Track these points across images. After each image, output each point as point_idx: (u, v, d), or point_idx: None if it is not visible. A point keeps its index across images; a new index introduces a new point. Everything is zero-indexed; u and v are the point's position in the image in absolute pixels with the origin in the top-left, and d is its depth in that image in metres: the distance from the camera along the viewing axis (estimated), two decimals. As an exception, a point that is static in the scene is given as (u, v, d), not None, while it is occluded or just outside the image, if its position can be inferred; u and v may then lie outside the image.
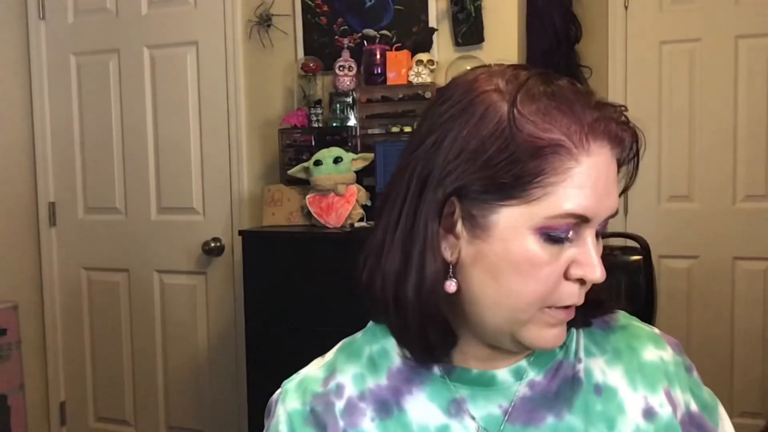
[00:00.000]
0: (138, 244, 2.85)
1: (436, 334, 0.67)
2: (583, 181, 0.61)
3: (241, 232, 2.41)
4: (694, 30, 2.73)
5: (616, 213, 0.65)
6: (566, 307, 0.65)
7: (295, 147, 2.47)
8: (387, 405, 0.70)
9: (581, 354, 0.73)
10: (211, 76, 2.70)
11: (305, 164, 2.34)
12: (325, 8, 2.55)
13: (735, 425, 0.79)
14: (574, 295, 0.64)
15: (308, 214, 2.37)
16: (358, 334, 0.78)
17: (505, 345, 0.68)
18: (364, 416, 0.70)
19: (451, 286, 0.64)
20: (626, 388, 0.71)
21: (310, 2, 2.57)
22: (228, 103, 2.68)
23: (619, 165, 0.66)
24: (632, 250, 1.92)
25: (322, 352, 0.80)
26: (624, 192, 0.69)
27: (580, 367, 0.72)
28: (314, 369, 0.76)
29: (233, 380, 2.73)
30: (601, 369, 0.72)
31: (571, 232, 0.62)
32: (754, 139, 2.68)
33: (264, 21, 2.61)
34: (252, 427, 2.38)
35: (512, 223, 0.61)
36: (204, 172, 2.74)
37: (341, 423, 0.70)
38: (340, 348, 0.77)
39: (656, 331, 0.77)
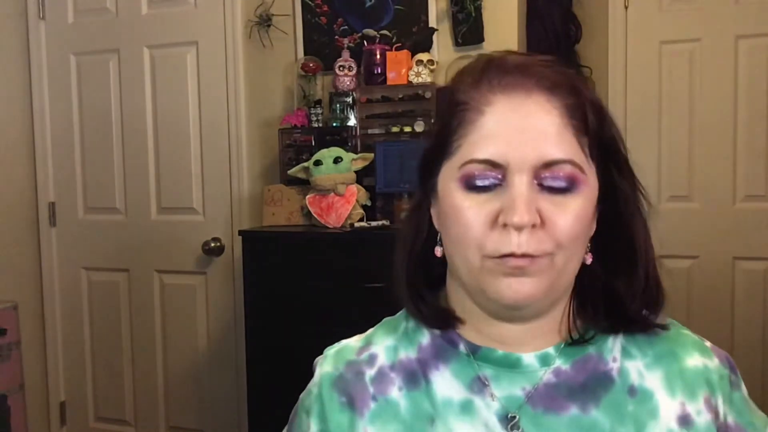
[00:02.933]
0: (138, 244, 2.85)
1: (431, 298, 0.75)
2: (488, 130, 0.66)
3: (241, 232, 2.41)
4: (694, 30, 2.73)
5: (564, 163, 0.65)
6: (514, 257, 0.64)
7: (295, 147, 2.48)
8: (415, 376, 0.74)
9: (617, 354, 0.73)
10: (211, 76, 2.70)
11: (305, 164, 2.34)
12: (325, 8, 2.56)
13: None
14: (509, 242, 0.64)
15: (308, 214, 2.37)
16: (399, 314, 0.82)
17: (491, 307, 0.70)
18: (393, 385, 0.74)
19: (437, 250, 0.73)
20: (663, 393, 0.71)
21: (310, 2, 2.57)
22: (228, 103, 2.68)
23: (581, 115, 0.67)
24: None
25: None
26: (608, 146, 0.69)
27: (614, 366, 0.72)
28: (354, 340, 0.81)
29: (233, 380, 2.73)
30: (639, 371, 0.72)
31: (485, 179, 0.66)
32: (754, 139, 2.68)
33: (264, 21, 2.61)
34: (252, 427, 2.38)
35: (445, 178, 0.70)
36: (204, 172, 2.74)
37: (371, 389, 0.74)
38: (382, 323, 0.82)
39: (707, 343, 0.77)
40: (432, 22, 2.44)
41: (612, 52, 2.83)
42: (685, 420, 0.69)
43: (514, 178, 0.64)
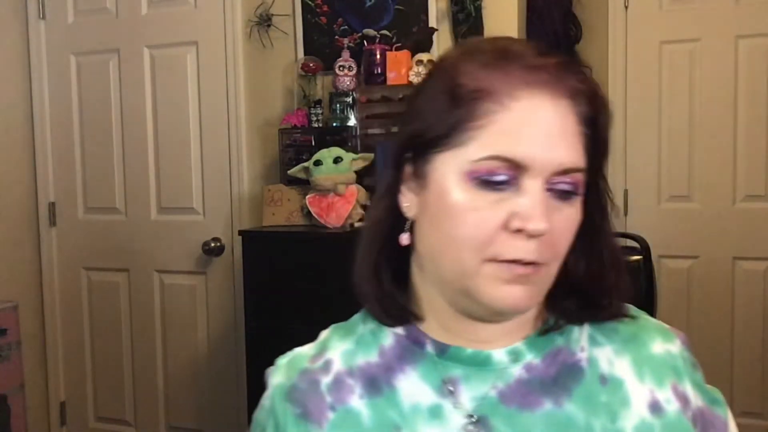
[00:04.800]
0: (138, 244, 2.85)
1: (391, 288, 0.71)
2: (509, 126, 0.61)
3: (241, 232, 2.41)
4: (694, 30, 2.73)
5: (577, 171, 0.63)
6: (520, 264, 0.62)
7: (295, 147, 2.47)
8: (376, 382, 0.70)
9: (584, 343, 0.71)
10: (211, 76, 2.70)
11: (305, 164, 2.34)
12: (325, 8, 2.55)
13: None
14: (517, 248, 0.61)
15: (308, 214, 2.37)
16: (353, 317, 0.78)
17: (474, 310, 0.67)
18: (352, 393, 0.70)
19: (403, 238, 0.69)
20: (633, 380, 0.69)
21: (310, 2, 2.57)
22: (228, 103, 2.68)
23: (592, 124, 0.65)
24: (632, 250, 1.92)
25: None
26: (597, 161, 0.67)
27: (583, 356, 0.70)
28: (306, 347, 0.77)
29: (233, 380, 2.73)
30: (608, 359, 0.70)
31: (502, 177, 0.61)
32: (754, 139, 2.68)
33: (264, 21, 2.61)
34: (252, 427, 2.38)
35: (444, 169, 0.64)
36: (204, 172, 2.74)
37: (328, 398, 0.70)
38: (334, 327, 0.78)
39: (664, 325, 0.76)
40: (432, 22, 2.44)
41: (612, 52, 2.84)
42: (655, 407, 0.68)
43: (528, 181, 0.62)
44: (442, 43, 2.44)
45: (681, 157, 2.78)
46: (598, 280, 0.70)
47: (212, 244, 2.70)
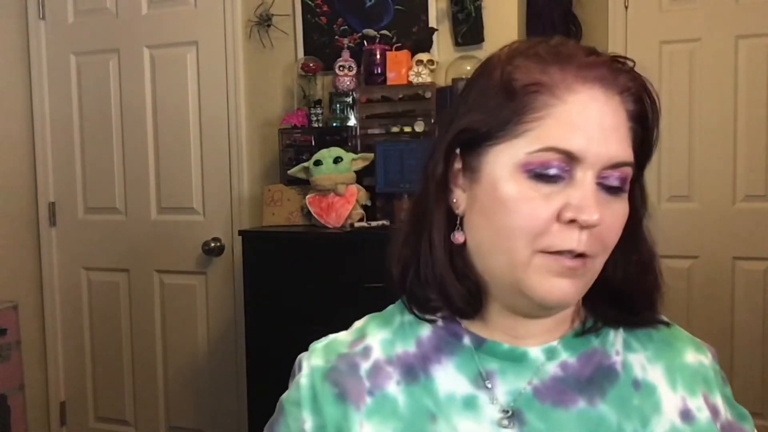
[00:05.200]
0: (138, 244, 2.85)
1: (455, 288, 0.69)
2: (566, 119, 0.62)
3: (241, 232, 2.41)
4: (694, 30, 2.73)
5: (626, 166, 0.64)
6: (570, 256, 0.63)
7: (295, 147, 2.47)
8: (413, 371, 0.71)
9: (619, 347, 0.72)
10: (211, 76, 2.70)
11: (305, 164, 2.34)
12: (325, 8, 2.55)
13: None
14: (570, 239, 0.62)
15: (308, 214, 2.37)
16: (389, 308, 0.79)
17: (520, 304, 0.68)
18: (390, 379, 0.71)
19: (458, 237, 0.68)
20: (665, 387, 0.70)
21: (310, 2, 2.57)
22: (228, 103, 2.68)
23: (640, 121, 0.66)
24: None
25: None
26: (646, 153, 0.68)
27: (618, 359, 0.71)
28: (343, 334, 0.77)
29: (233, 380, 2.73)
30: (642, 365, 0.72)
31: (555, 170, 0.62)
32: (754, 139, 2.68)
33: (264, 21, 2.61)
34: (252, 427, 2.38)
35: (498, 162, 0.64)
36: (204, 172, 2.74)
37: (366, 383, 0.71)
38: (371, 317, 0.79)
39: (695, 338, 0.77)
40: (432, 22, 2.44)
41: (612, 52, 2.83)
42: (686, 415, 0.69)
43: (580, 174, 0.62)
44: (442, 43, 2.44)
45: (681, 157, 2.78)
46: (636, 284, 0.71)
47: (212, 244, 2.70)
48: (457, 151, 0.68)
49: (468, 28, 2.39)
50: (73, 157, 2.92)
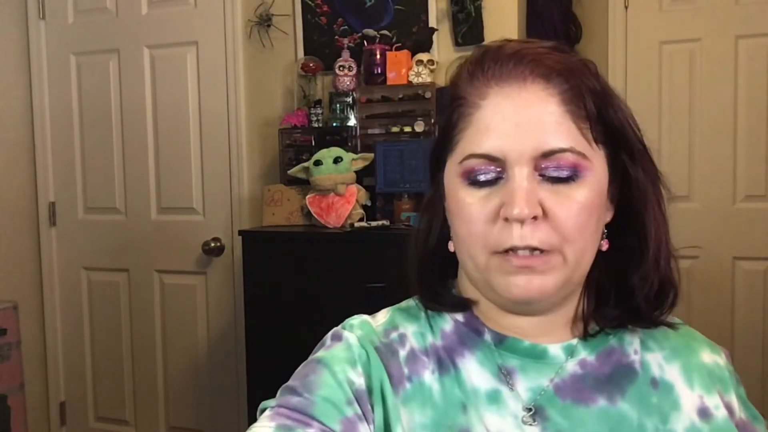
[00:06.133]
0: (138, 244, 2.85)
1: (444, 292, 0.75)
2: (484, 124, 0.65)
3: (241, 232, 2.41)
4: (694, 30, 2.73)
5: (564, 152, 0.63)
6: (520, 254, 0.63)
7: (295, 147, 2.48)
8: (444, 362, 0.71)
9: (637, 346, 0.73)
10: (211, 76, 2.70)
11: (305, 164, 2.34)
12: (325, 8, 2.55)
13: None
14: (510, 236, 0.63)
15: (308, 214, 2.37)
16: (404, 303, 0.79)
17: (502, 303, 0.69)
18: (426, 368, 0.71)
19: (450, 246, 0.72)
20: (683, 385, 0.71)
21: (310, 2, 2.57)
22: (228, 103, 2.68)
23: (579, 101, 0.65)
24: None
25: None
26: (610, 132, 0.67)
27: (636, 358, 0.72)
28: (374, 321, 0.75)
29: (233, 380, 2.73)
30: (659, 364, 0.73)
31: (483, 175, 0.65)
32: (754, 139, 2.68)
33: (264, 21, 2.61)
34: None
35: (448, 174, 0.69)
36: (204, 172, 2.74)
37: (405, 369, 0.70)
38: (394, 309, 0.78)
39: (709, 340, 0.79)
40: (432, 22, 2.44)
41: (612, 52, 2.83)
42: (704, 412, 0.70)
43: (513, 171, 0.63)
44: (442, 43, 2.44)
45: (681, 157, 2.78)
46: (642, 286, 0.71)
47: (212, 244, 2.70)
48: (439, 170, 0.72)
49: (468, 28, 2.39)
50: (73, 157, 2.92)
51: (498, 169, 0.64)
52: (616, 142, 0.68)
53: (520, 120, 0.64)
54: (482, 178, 0.65)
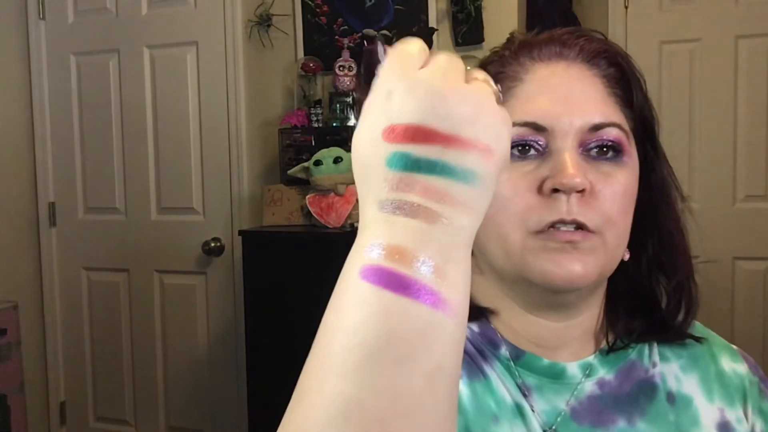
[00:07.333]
0: (138, 244, 2.85)
1: None
2: (525, 95, 0.63)
3: (241, 232, 2.41)
4: (694, 30, 2.73)
5: (610, 126, 0.62)
6: (562, 228, 0.59)
7: (295, 147, 2.47)
8: (473, 369, 0.67)
9: (656, 358, 0.69)
10: (211, 76, 2.70)
11: (305, 164, 2.34)
12: (325, 8, 2.55)
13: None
14: (558, 209, 0.59)
15: (308, 214, 2.37)
16: None
17: (532, 298, 0.65)
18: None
19: None
20: (701, 399, 0.67)
21: (310, 2, 2.57)
22: (228, 103, 2.68)
23: (620, 84, 0.65)
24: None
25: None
26: (639, 119, 0.66)
27: (656, 371, 0.68)
28: None
29: (233, 380, 2.73)
30: (675, 375, 0.68)
31: (532, 144, 0.61)
32: (754, 139, 2.68)
33: (264, 21, 2.61)
34: (252, 427, 2.38)
35: None
36: (204, 172, 2.74)
37: None
38: None
39: (733, 346, 0.74)
40: (432, 22, 2.44)
41: (612, 52, 2.83)
42: (725, 427, 0.66)
43: (558, 143, 0.60)
44: (442, 43, 2.44)
45: (681, 157, 2.78)
46: (668, 294, 0.68)
47: (212, 244, 2.70)
48: None
49: (468, 28, 2.39)
50: (73, 157, 2.92)
51: (541, 142, 0.61)
52: (647, 138, 0.67)
53: (567, 94, 0.62)
54: (528, 147, 0.61)
